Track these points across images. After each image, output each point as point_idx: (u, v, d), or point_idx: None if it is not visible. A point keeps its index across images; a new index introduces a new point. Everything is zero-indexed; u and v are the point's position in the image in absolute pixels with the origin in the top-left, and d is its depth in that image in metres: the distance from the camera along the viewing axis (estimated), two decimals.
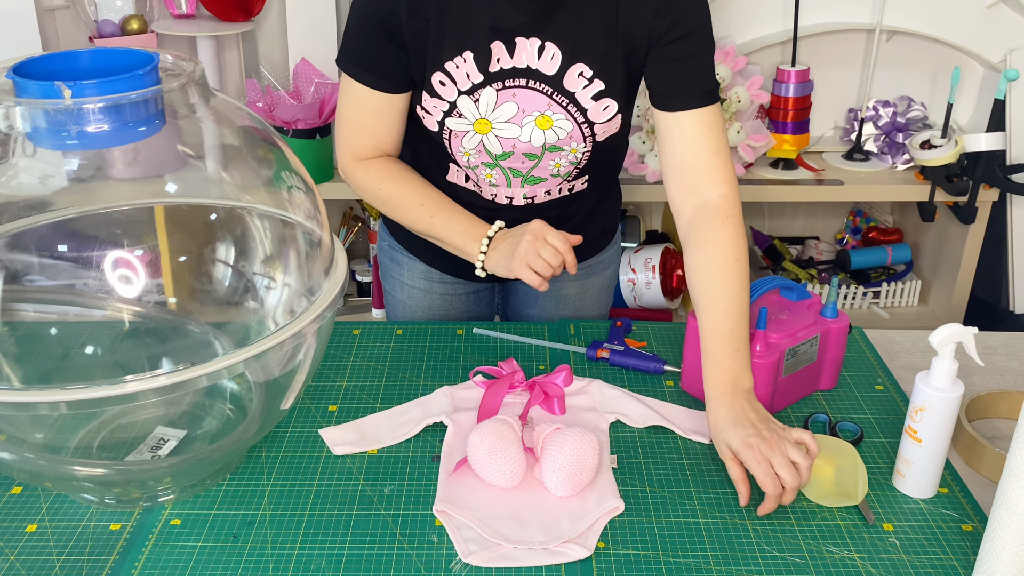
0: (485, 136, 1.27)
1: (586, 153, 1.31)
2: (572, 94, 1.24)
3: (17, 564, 0.98)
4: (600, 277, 1.57)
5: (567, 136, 1.27)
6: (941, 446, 1.06)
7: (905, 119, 2.42)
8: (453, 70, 1.23)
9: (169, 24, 2.26)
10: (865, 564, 0.99)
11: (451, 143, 1.30)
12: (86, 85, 0.91)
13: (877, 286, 2.53)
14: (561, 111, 1.25)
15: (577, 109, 1.25)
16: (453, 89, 1.24)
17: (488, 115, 1.25)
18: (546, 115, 1.25)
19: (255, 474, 1.11)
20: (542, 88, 1.24)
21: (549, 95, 1.24)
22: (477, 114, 1.25)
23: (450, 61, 1.22)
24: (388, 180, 1.33)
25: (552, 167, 1.32)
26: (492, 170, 1.32)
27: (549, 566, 0.98)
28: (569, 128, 1.26)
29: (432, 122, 1.28)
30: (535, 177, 1.34)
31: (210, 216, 1.08)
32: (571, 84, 1.23)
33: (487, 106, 1.25)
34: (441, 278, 1.53)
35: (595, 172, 1.38)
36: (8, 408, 0.89)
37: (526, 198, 1.37)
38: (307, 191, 1.10)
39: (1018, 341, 1.43)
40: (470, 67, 1.22)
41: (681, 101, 1.22)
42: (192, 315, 1.14)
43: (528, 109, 1.25)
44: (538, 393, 1.22)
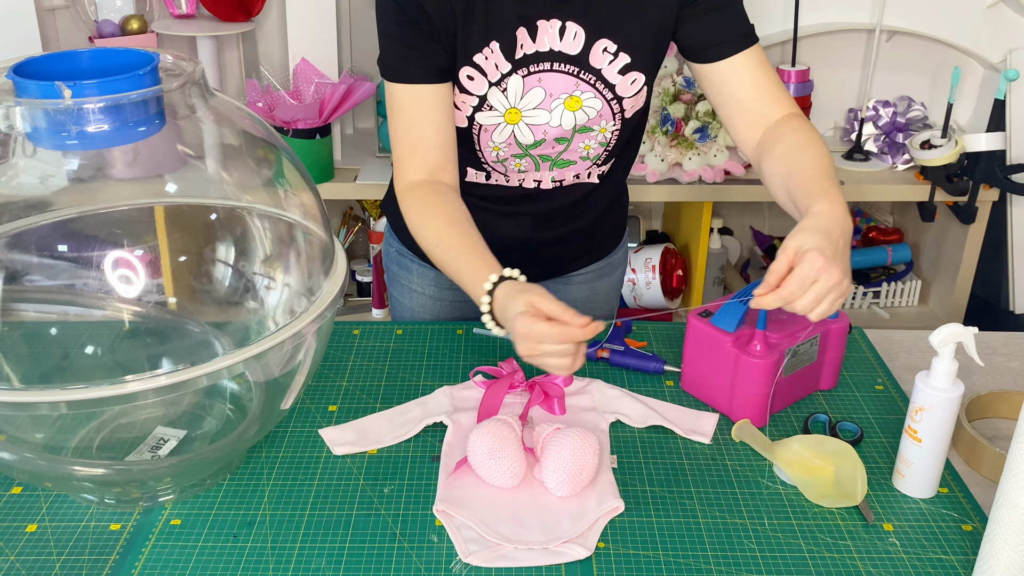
0: (516, 126, 1.26)
1: (615, 132, 1.30)
2: (599, 71, 1.23)
3: (17, 564, 0.98)
4: (609, 280, 1.57)
5: (597, 115, 1.26)
6: (941, 446, 1.06)
7: (905, 119, 2.42)
8: (482, 62, 1.21)
9: (169, 24, 2.26)
10: (865, 564, 0.99)
11: (479, 139, 1.29)
12: (86, 85, 0.91)
13: (877, 286, 2.54)
14: (589, 89, 1.24)
15: (605, 86, 1.24)
16: (483, 82, 1.22)
17: (517, 103, 1.24)
18: (574, 96, 1.24)
19: (255, 474, 1.11)
20: (568, 69, 1.23)
21: (576, 75, 1.23)
22: (507, 104, 1.24)
23: (478, 53, 1.21)
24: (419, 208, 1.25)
25: (582, 149, 1.31)
26: (522, 160, 1.31)
27: (549, 566, 0.98)
28: (599, 106, 1.25)
29: (461, 118, 1.27)
30: (564, 161, 1.32)
31: (210, 216, 1.08)
32: (596, 61, 1.22)
33: (515, 95, 1.23)
34: (451, 285, 1.52)
35: (621, 156, 1.37)
36: (8, 408, 0.89)
37: (554, 181, 1.35)
38: (307, 191, 1.10)
39: (1018, 341, 1.43)
40: (498, 57, 1.21)
41: (730, 46, 1.23)
42: (192, 315, 1.14)
43: (555, 93, 1.24)
44: (538, 393, 1.22)
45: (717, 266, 2.53)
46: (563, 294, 1.54)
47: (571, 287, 1.54)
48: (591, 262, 1.53)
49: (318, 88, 2.23)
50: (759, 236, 2.70)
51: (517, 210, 1.40)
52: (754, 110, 1.25)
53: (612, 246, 1.55)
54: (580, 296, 1.55)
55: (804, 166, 1.15)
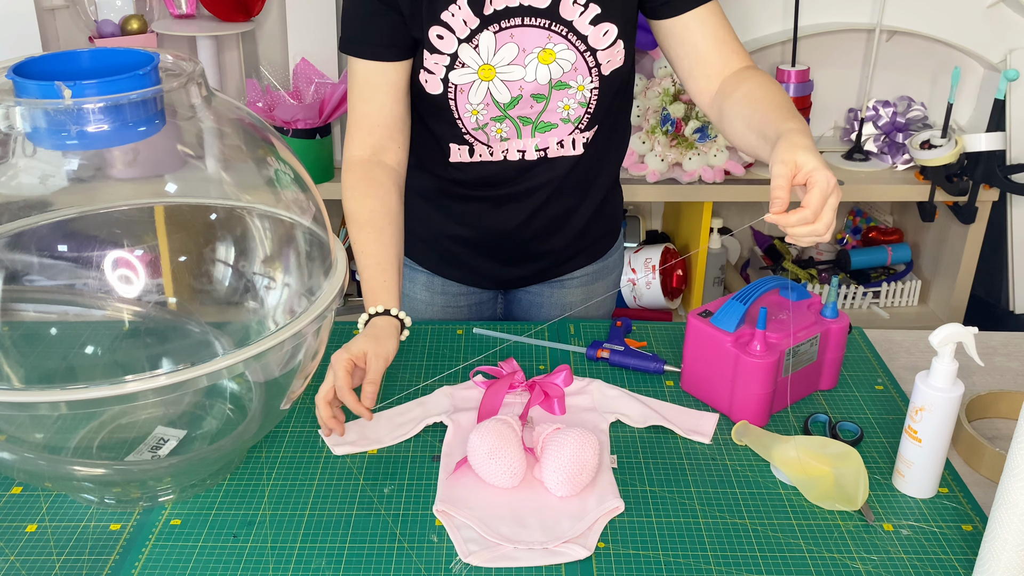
0: (491, 83, 1.26)
1: (594, 91, 1.29)
2: (569, 22, 1.24)
3: (17, 564, 0.98)
4: (605, 282, 1.57)
5: (572, 69, 1.26)
6: (941, 446, 1.06)
7: (905, 119, 2.42)
8: (449, 19, 1.22)
9: (169, 24, 2.26)
10: (865, 564, 0.99)
11: (457, 104, 1.28)
12: (86, 85, 0.91)
13: (877, 286, 2.54)
14: (562, 41, 1.24)
15: (577, 37, 1.25)
16: (452, 40, 1.23)
17: (490, 60, 1.24)
18: (547, 49, 1.24)
19: (255, 474, 1.11)
20: (538, 22, 1.23)
21: (547, 27, 1.23)
22: (479, 60, 1.24)
23: (445, 11, 1.21)
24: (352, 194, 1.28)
25: (561, 109, 1.30)
26: (502, 124, 1.31)
27: (549, 566, 0.98)
28: (572, 59, 1.26)
29: (436, 83, 1.27)
30: (545, 123, 1.32)
31: (210, 216, 1.08)
32: (567, 12, 1.23)
33: (488, 51, 1.24)
34: (444, 288, 1.52)
35: (605, 125, 1.36)
36: (8, 408, 0.89)
37: (538, 150, 1.34)
38: (307, 191, 1.10)
39: (1018, 341, 1.43)
40: (466, 13, 1.21)
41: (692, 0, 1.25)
42: (192, 315, 1.14)
43: (528, 47, 1.24)
44: (538, 393, 1.22)
45: (717, 266, 2.53)
46: (559, 297, 1.54)
47: (567, 290, 1.54)
48: (586, 263, 1.52)
49: (318, 88, 2.23)
50: (759, 236, 2.70)
51: (506, 194, 1.39)
52: (714, 61, 1.26)
53: (607, 246, 1.54)
54: (576, 300, 1.55)
55: (767, 101, 1.18)
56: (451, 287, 1.52)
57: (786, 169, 1.03)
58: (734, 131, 1.22)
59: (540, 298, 1.55)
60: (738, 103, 1.21)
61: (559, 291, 1.53)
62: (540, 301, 1.55)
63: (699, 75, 1.28)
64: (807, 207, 1.02)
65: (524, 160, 1.35)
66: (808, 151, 1.04)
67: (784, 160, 1.03)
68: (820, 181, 1.01)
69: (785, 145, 1.05)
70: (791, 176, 1.03)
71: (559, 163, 1.37)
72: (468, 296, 1.54)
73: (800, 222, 1.02)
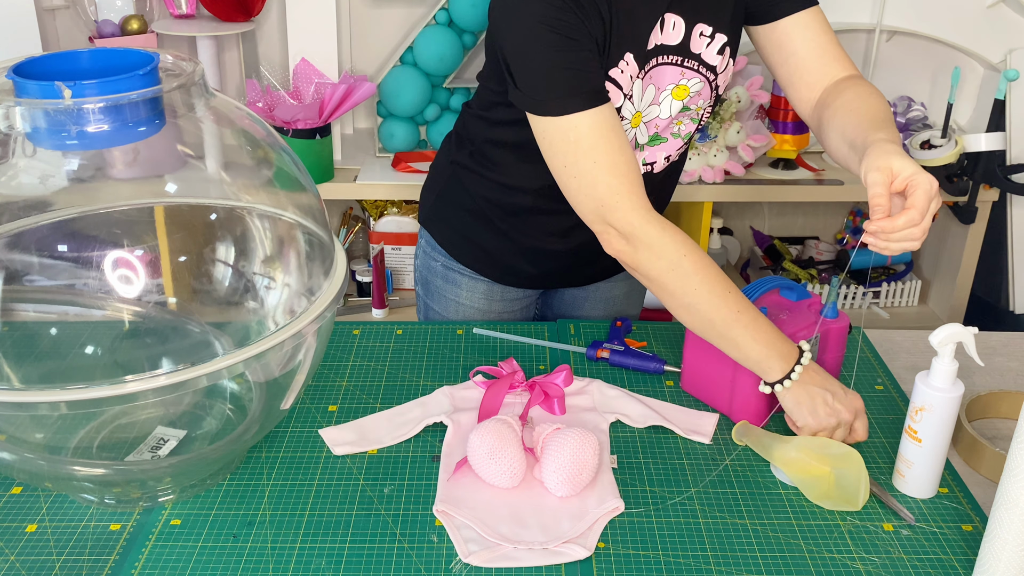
0: (637, 128, 1.25)
1: (707, 108, 1.29)
2: (698, 56, 1.22)
3: (17, 564, 0.98)
4: None
5: (697, 95, 1.26)
6: (941, 446, 1.06)
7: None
8: (618, 76, 1.17)
9: (169, 24, 2.26)
10: (865, 564, 0.99)
11: None
12: (86, 85, 0.91)
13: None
14: (695, 75, 1.23)
15: (707, 69, 1.23)
16: (619, 95, 1.18)
17: (640, 107, 1.23)
18: (681, 85, 1.23)
19: (255, 474, 1.11)
20: (671, 60, 1.21)
21: (680, 64, 1.22)
22: (634, 110, 1.22)
23: (615, 67, 1.16)
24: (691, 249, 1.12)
25: (675, 126, 1.29)
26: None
27: (549, 566, 0.98)
28: (701, 87, 1.25)
29: None
30: (658, 137, 1.29)
31: (210, 216, 1.08)
32: (696, 47, 1.21)
33: (639, 99, 1.22)
34: (502, 296, 1.51)
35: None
36: (8, 408, 0.89)
37: (646, 163, 1.32)
38: (307, 191, 1.10)
39: (1018, 341, 1.43)
40: (632, 68, 1.17)
41: (792, 4, 1.21)
42: (192, 315, 1.14)
43: (662, 85, 1.23)
44: (538, 393, 1.22)
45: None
46: (605, 290, 1.55)
47: (611, 283, 1.55)
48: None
49: (318, 88, 2.23)
50: (759, 236, 2.70)
51: None
52: (815, 68, 1.23)
53: None
54: (619, 294, 1.56)
55: (863, 113, 1.14)
56: (509, 292, 1.51)
57: (882, 176, 1.00)
58: (830, 142, 1.18)
59: (586, 292, 1.56)
60: (836, 113, 1.17)
61: (605, 284, 1.54)
62: (585, 295, 1.56)
63: (799, 83, 1.24)
64: (914, 207, 0.99)
65: None
66: (902, 157, 1.01)
67: (879, 167, 1.01)
68: (923, 183, 0.99)
69: (877, 152, 1.03)
70: (888, 183, 1.00)
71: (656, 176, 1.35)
72: (522, 300, 1.54)
73: (908, 224, 0.99)
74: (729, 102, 2.21)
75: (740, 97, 2.20)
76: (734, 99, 2.20)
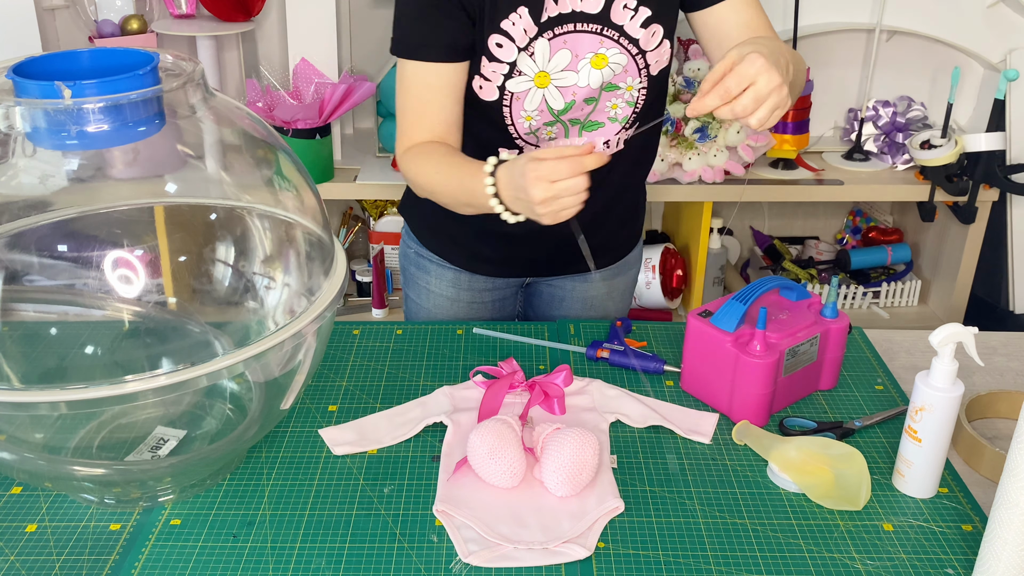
0: (546, 90, 1.27)
1: (642, 90, 1.31)
2: (620, 27, 1.25)
3: (17, 564, 0.98)
4: (625, 277, 1.59)
5: (623, 71, 1.28)
6: (941, 446, 1.06)
7: (905, 119, 2.42)
8: (510, 28, 1.23)
9: (169, 24, 2.26)
10: (865, 564, 0.99)
11: (512, 109, 1.29)
12: (86, 85, 0.91)
13: (877, 286, 2.54)
14: (614, 45, 1.26)
15: (629, 41, 1.26)
16: (512, 48, 1.24)
17: (545, 67, 1.25)
18: (600, 53, 1.26)
19: (255, 474, 1.11)
20: (590, 28, 1.24)
21: (599, 32, 1.25)
22: (535, 68, 1.25)
23: (505, 19, 1.22)
24: (420, 159, 1.28)
25: (609, 108, 1.31)
26: (552, 127, 1.32)
27: (549, 566, 0.98)
28: (624, 61, 1.27)
29: (492, 90, 1.27)
30: (593, 122, 1.33)
31: (210, 216, 1.08)
32: (618, 17, 1.24)
33: (543, 58, 1.25)
34: (470, 285, 1.52)
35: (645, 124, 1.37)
36: (8, 408, 0.89)
37: None
38: (307, 191, 1.10)
39: (1018, 341, 1.43)
40: (526, 22, 1.22)
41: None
42: (192, 315, 1.14)
43: (581, 53, 1.26)
44: (538, 393, 1.22)
45: (717, 266, 2.53)
46: (581, 291, 1.55)
47: (588, 284, 1.55)
48: (610, 263, 1.54)
49: (318, 88, 2.23)
50: (759, 236, 2.70)
51: None
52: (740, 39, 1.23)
53: (632, 244, 1.57)
54: (598, 293, 1.56)
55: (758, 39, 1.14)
56: (477, 282, 1.53)
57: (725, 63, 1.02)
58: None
59: (563, 291, 1.56)
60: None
61: (581, 285, 1.54)
62: (562, 295, 1.56)
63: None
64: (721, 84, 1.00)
65: None
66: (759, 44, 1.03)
67: (728, 55, 1.03)
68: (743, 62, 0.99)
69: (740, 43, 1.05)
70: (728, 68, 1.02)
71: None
72: (493, 292, 1.55)
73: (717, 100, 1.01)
74: None
75: None
76: None
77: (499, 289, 1.55)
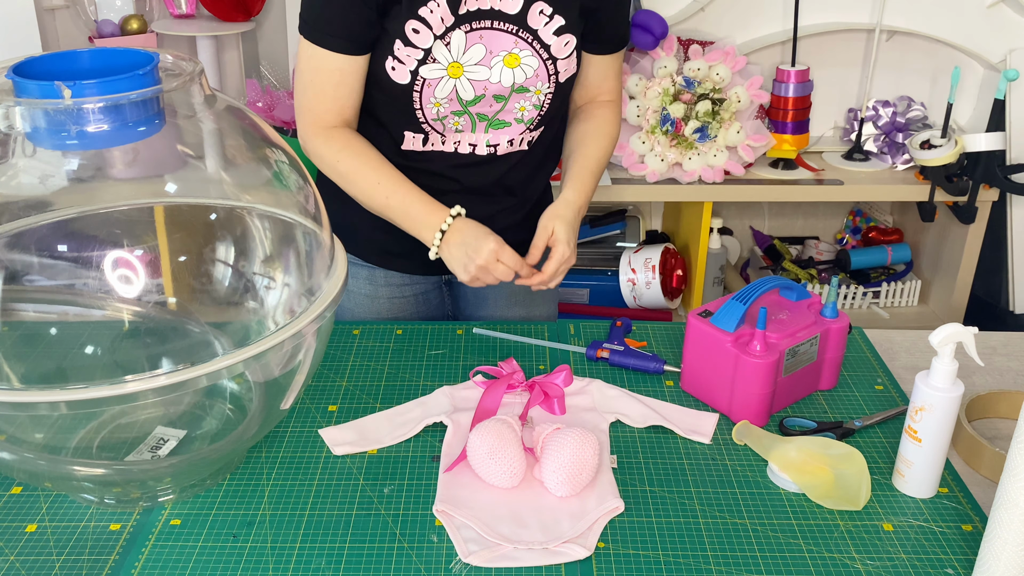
0: (458, 80, 1.30)
1: (548, 95, 1.36)
2: (535, 31, 1.30)
3: (17, 564, 0.98)
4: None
5: (534, 75, 1.32)
6: (941, 446, 1.06)
7: (905, 119, 2.42)
8: (427, 15, 1.25)
9: (169, 24, 2.26)
10: (865, 564, 0.99)
11: (422, 95, 1.31)
12: (86, 85, 0.91)
13: (877, 286, 2.53)
14: (527, 48, 1.30)
15: (541, 46, 1.31)
16: (428, 35, 1.26)
17: (460, 58, 1.29)
18: (513, 53, 1.30)
19: (255, 474, 1.11)
20: (507, 28, 1.28)
21: (514, 33, 1.29)
22: (450, 57, 1.28)
23: (424, 6, 1.25)
24: (347, 154, 1.34)
25: (517, 110, 1.36)
26: (460, 117, 1.35)
27: (549, 566, 0.98)
28: (535, 65, 1.32)
29: (404, 73, 1.29)
30: (500, 121, 1.37)
31: (210, 216, 1.08)
32: (534, 21, 1.29)
33: (458, 49, 1.28)
34: (386, 281, 1.52)
35: (550, 128, 1.43)
36: (8, 408, 0.89)
37: (489, 145, 1.39)
38: (307, 191, 1.10)
39: (1018, 341, 1.43)
40: (443, 11, 1.25)
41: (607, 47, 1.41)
42: (192, 315, 1.14)
43: (495, 50, 1.29)
44: (538, 393, 1.22)
45: (717, 266, 2.53)
46: (503, 286, 1.55)
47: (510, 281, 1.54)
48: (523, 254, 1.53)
49: None
50: (759, 236, 2.70)
51: (449, 185, 1.41)
52: (592, 86, 1.46)
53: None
54: (519, 290, 1.57)
55: (581, 154, 1.42)
56: (394, 278, 1.53)
57: (544, 236, 1.35)
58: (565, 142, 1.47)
59: (485, 289, 1.56)
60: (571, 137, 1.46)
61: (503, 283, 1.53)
62: (485, 292, 1.56)
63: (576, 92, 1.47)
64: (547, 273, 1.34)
65: (474, 155, 1.39)
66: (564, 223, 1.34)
67: (546, 227, 1.35)
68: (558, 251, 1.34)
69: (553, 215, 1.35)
70: (546, 241, 1.35)
71: (506, 160, 1.42)
72: (413, 286, 1.55)
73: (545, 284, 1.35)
74: (729, 102, 2.21)
75: (740, 97, 2.20)
76: (734, 99, 2.20)
77: (418, 284, 1.55)
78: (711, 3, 2.28)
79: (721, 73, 2.19)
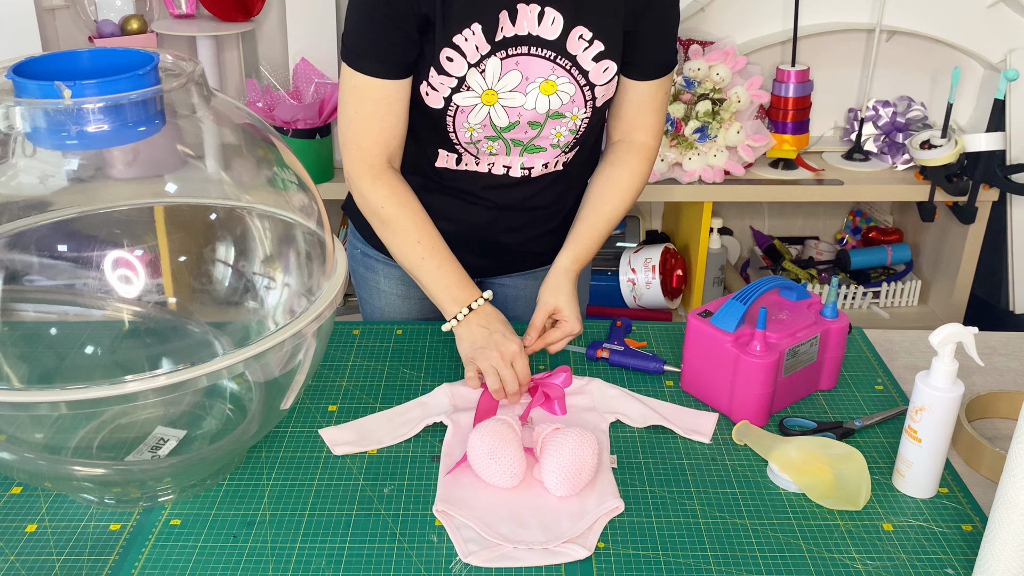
0: (492, 108, 1.28)
1: (585, 119, 1.33)
2: (574, 57, 1.26)
3: (17, 564, 0.98)
4: (579, 277, 1.57)
5: (570, 101, 1.29)
6: (941, 446, 1.06)
7: (905, 119, 2.42)
8: (462, 43, 1.23)
9: (169, 24, 2.26)
10: (865, 564, 0.99)
11: (455, 120, 1.29)
12: (86, 85, 0.91)
13: (877, 286, 2.53)
14: (564, 75, 1.27)
15: (579, 72, 1.28)
16: (462, 63, 1.24)
17: (494, 85, 1.26)
18: (550, 80, 1.27)
19: (255, 474, 1.11)
20: (544, 54, 1.25)
21: (552, 60, 1.26)
22: (484, 85, 1.26)
23: (458, 35, 1.22)
24: (392, 202, 1.30)
25: (553, 136, 1.33)
26: (494, 142, 1.33)
27: (549, 566, 0.98)
28: (572, 92, 1.29)
29: (438, 99, 1.27)
30: (535, 146, 1.34)
31: (210, 216, 1.08)
32: (573, 47, 1.26)
33: (493, 76, 1.26)
34: None
35: (584, 146, 1.40)
36: (8, 408, 0.89)
37: (523, 168, 1.37)
38: (307, 191, 1.10)
39: (1018, 341, 1.43)
40: (479, 39, 1.23)
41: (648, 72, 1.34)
42: (192, 315, 1.14)
43: (532, 76, 1.27)
44: (539, 395, 1.22)
45: (717, 266, 2.53)
46: (521, 288, 1.55)
47: (529, 281, 1.55)
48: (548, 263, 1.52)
49: (318, 88, 2.23)
50: (759, 236, 2.70)
51: (481, 203, 1.41)
52: (629, 117, 1.38)
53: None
54: (520, 290, 1.56)
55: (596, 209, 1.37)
56: None
57: (545, 312, 1.31)
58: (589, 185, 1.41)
59: (516, 291, 1.56)
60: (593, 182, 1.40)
61: (534, 284, 1.53)
62: (516, 294, 1.56)
63: (611, 124, 1.41)
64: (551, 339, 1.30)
65: (508, 176, 1.38)
66: (565, 295, 1.31)
67: (546, 303, 1.31)
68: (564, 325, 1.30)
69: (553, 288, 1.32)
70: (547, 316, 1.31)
71: (539, 181, 1.40)
72: None
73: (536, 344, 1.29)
74: (729, 102, 2.21)
75: (740, 97, 2.20)
76: (734, 99, 2.20)
77: None
78: (711, 3, 2.28)
79: (721, 73, 2.19)
